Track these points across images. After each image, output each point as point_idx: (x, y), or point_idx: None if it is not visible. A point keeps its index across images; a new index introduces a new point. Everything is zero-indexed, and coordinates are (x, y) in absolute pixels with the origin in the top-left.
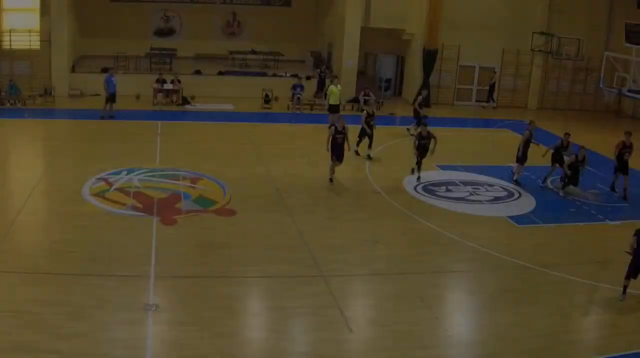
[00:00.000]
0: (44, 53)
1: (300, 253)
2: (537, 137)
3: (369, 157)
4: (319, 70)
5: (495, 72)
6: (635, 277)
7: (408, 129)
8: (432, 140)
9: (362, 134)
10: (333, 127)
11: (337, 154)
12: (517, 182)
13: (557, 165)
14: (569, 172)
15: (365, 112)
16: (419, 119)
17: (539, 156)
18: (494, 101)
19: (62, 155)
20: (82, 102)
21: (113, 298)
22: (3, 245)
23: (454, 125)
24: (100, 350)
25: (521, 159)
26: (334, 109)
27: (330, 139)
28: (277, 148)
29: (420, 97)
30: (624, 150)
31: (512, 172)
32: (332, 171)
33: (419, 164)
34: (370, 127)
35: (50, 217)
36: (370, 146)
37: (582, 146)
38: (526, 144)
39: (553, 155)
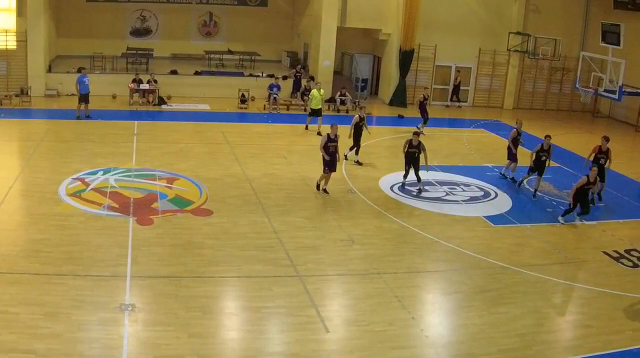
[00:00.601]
0: (20, 53)
1: (277, 253)
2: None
3: (346, 158)
4: (294, 70)
5: (459, 72)
6: None
7: (418, 128)
8: (423, 153)
9: (357, 139)
10: (326, 135)
11: (330, 163)
12: (513, 180)
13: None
14: (533, 157)
15: (357, 116)
16: (426, 118)
17: (523, 156)
18: (459, 101)
19: (38, 156)
20: (58, 102)
21: (89, 298)
22: None
23: (430, 125)
24: (76, 350)
25: (513, 157)
26: (316, 112)
27: (323, 147)
28: (253, 148)
29: (422, 96)
30: (599, 155)
31: (502, 171)
32: (322, 180)
33: (406, 173)
34: (360, 130)
35: (26, 217)
36: (353, 149)
37: (548, 135)
38: (514, 142)
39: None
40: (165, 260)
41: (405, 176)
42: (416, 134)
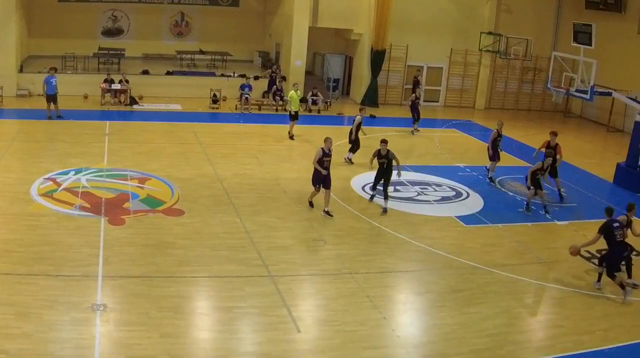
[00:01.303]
0: None
1: (248, 253)
2: (487, 138)
3: (351, 161)
4: (270, 70)
5: (419, 71)
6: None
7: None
8: (395, 161)
9: (354, 142)
10: (320, 149)
11: (325, 178)
12: (491, 179)
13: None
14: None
15: (359, 117)
16: (416, 118)
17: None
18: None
19: (9, 156)
20: (30, 102)
21: (61, 298)
22: None
23: (402, 125)
24: (48, 350)
25: (493, 157)
26: (295, 116)
27: (318, 162)
28: (225, 148)
29: (413, 95)
30: (547, 150)
31: (486, 169)
32: (313, 196)
33: (374, 186)
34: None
35: None
36: (354, 150)
37: (500, 121)
38: (493, 144)
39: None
40: (137, 260)
41: (373, 188)
42: (384, 141)
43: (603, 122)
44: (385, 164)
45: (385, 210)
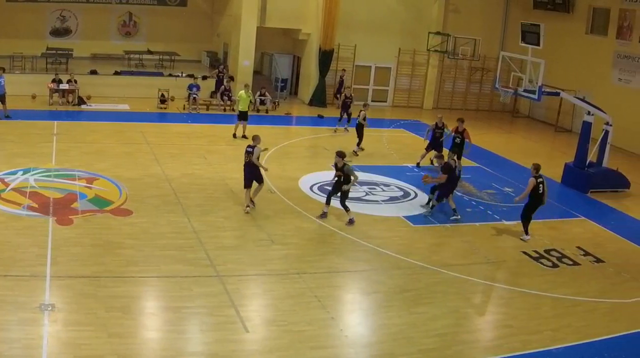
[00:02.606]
0: None
1: (196, 253)
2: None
3: (356, 154)
4: (217, 70)
5: (344, 70)
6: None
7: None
8: (352, 176)
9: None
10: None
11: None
12: (418, 165)
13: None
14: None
15: (363, 113)
16: (342, 116)
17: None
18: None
19: None
20: None
21: (8, 298)
22: None
23: (350, 124)
24: None
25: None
26: (243, 115)
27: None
28: (173, 148)
29: (343, 94)
30: (456, 134)
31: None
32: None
33: (328, 199)
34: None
35: None
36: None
37: (441, 116)
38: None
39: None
40: (85, 260)
41: (327, 201)
42: (340, 155)
43: (551, 122)
44: (341, 178)
45: (351, 221)
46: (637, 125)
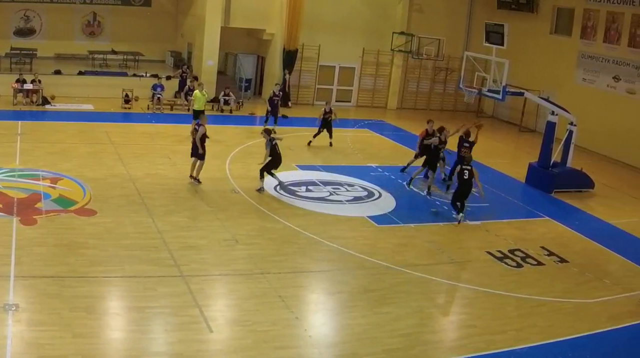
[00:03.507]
0: None
1: (161, 254)
2: (399, 138)
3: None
4: (180, 70)
5: (289, 72)
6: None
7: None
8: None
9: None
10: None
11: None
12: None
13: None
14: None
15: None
16: (269, 114)
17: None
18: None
19: None
20: None
21: None
22: None
23: (314, 125)
24: None
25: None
26: (198, 114)
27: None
28: (137, 148)
29: (272, 92)
30: (427, 137)
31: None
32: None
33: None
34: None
35: None
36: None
37: (431, 119)
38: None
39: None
40: (49, 260)
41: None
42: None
43: (515, 122)
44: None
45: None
46: (601, 125)
